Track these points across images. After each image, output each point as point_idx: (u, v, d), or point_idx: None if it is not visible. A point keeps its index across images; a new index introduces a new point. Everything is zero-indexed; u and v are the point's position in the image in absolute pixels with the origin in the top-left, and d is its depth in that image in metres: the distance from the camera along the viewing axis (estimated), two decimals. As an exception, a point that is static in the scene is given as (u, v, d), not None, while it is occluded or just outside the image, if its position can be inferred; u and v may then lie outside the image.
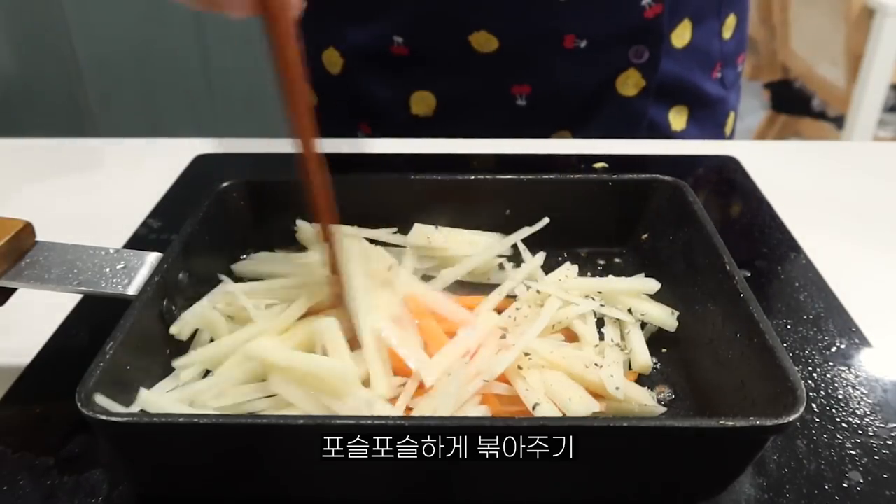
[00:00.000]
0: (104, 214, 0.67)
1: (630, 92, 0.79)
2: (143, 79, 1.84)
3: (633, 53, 0.77)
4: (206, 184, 0.56)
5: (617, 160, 0.75)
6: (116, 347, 0.40)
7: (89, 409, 0.36)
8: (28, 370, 0.49)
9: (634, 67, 0.77)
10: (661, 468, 0.38)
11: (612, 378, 0.44)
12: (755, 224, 0.65)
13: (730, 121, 0.88)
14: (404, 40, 0.77)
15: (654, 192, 0.57)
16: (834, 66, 2.14)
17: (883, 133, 2.19)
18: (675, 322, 0.50)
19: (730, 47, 0.84)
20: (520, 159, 0.76)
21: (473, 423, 0.38)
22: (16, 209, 0.49)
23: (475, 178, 0.59)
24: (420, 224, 0.56)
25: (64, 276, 0.46)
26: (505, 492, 0.39)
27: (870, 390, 0.47)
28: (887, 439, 0.43)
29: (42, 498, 0.40)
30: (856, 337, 0.52)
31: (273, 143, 0.80)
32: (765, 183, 0.71)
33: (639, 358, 0.48)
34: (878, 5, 1.85)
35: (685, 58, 0.80)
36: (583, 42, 0.75)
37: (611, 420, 0.41)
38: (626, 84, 0.78)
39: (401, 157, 0.76)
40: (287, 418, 0.39)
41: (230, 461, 0.38)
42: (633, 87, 0.79)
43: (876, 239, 0.64)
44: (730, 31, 0.83)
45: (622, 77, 0.78)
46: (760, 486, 0.41)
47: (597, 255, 0.59)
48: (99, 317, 0.51)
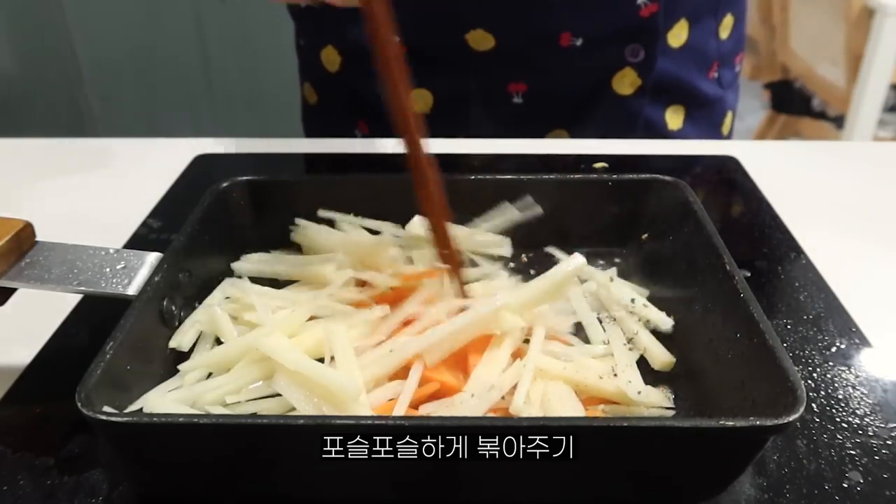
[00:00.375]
0: (104, 214, 0.67)
1: (626, 91, 0.79)
2: (143, 79, 1.84)
3: (628, 52, 0.77)
4: (206, 184, 0.56)
5: (617, 160, 0.75)
6: (116, 347, 0.40)
7: (89, 409, 0.36)
8: (28, 370, 0.49)
9: (630, 66, 0.77)
10: (661, 468, 0.38)
11: (631, 384, 0.44)
12: (755, 224, 0.65)
13: (727, 120, 0.88)
14: (402, 40, 0.78)
15: (654, 192, 0.57)
16: (834, 66, 2.14)
17: (883, 133, 2.19)
18: (671, 321, 0.50)
19: (727, 47, 0.84)
20: (519, 159, 0.76)
21: (473, 423, 0.38)
22: (16, 209, 0.49)
23: (475, 179, 0.59)
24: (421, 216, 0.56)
25: (64, 276, 0.46)
26: (505, 492, 0.39)
27: (870, 390, 0.47)
28: (887, 439, 0.43)
29: (42, 498, 0.40)
30: (856, 337, 0.52)
31: (273, 143, 0.80)
32: (765, 183, 0.71)
33: (660, 356, 0.48)
34: (878, 5, 1.85)
35: (681, 57, 0.80)
36: (578, 40, 0.75)
37: (611, 420, 0.41)
38: (622, 83, 0.78)
39: (400, 157, 0.76)
40: (287, 418, 0.39)
41: (230, 461, 0.38)
42: (629, 86, 0.79)
43: (876, 239, 0.64)
44: (727, 31, 0.83)
45: (618, 76, 0.78)
46: (760, 486, 0.41)
47: (597, 255, 0.59)
48: (99, 317, 0.51)
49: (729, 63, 0.85)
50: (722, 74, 0.84)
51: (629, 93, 0.79)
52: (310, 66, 0.88)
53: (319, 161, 0.78)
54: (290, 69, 0.92)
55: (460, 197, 0.57)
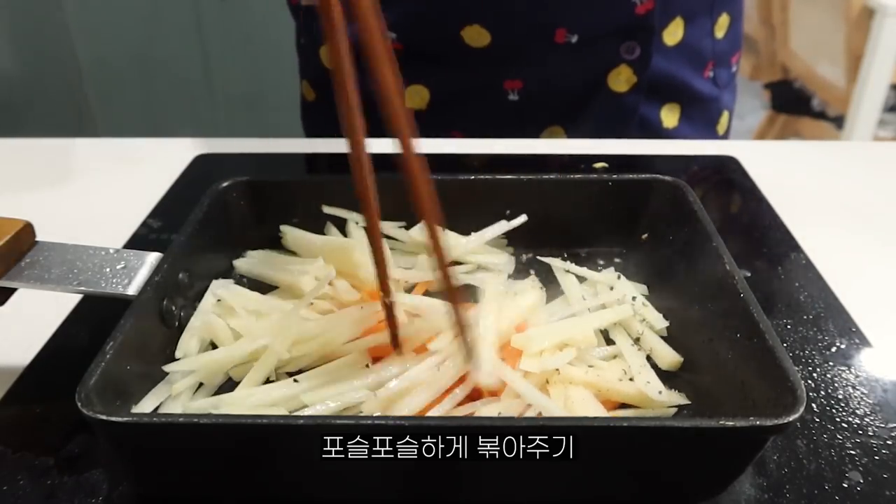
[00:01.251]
0: (104, 214, 0.67)
1: (621, 88, 0.79)
2: (143, 79, 1.84)
3: (624, 49, 0.77)
4: (206, 184, 0.56)
5: (616, 160, 0.75)
6: (116, 347, 0.40)
7: (89, 409, 0.36)
8: (28, 370, 0.49)
9: (626, 63, 0.78)
10: (661, 468, 0.38)
11: (650, 385, 0.44)
12: (755, 224, 0.65)
13: (723, 120, 0.88)
14: (398, 36, 0.78)
15: (653, 192, 0.57)
16: (834, 66, 2.14)
17: (883, 133, 2.19)
18: (665, 322, 0.50)
19: (722, 47, 0.84)
20: (519, 159, 0.76)
21: (473, 423, 0.38)
22: (16, 209, 0.49)
23: (475, 179, 0.59)
24: None
25: (64, 276, 0.46)
26: (505, 492, 0.39)
27: (870, 390, 0.47)
28: (887, 439, 0.43)
29: (42, 498, 0.40)
30: (856, 337, 0.52)
31: (273, 143, 0.80)
32: (765, 183, 0.71)
33: (667, 356, 0.48)
34: (878, 5, 1.85)
35: (677, 56, 0.80)
36: (574, 37, 0.75)
37: (611, 420, 0.41)
38: (618, 80, 0.79)
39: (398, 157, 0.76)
40: (287, 418, 0.39)
41: (230, 461, 0.38)
42: (624, 84, 0.79)
43: (876, 238, 0.64)
44: (723, 30, 0.83)
45: (613, 73, 0.78)
46: (760, 486, 0.41)
47: (597, 255, 0.59)
48: (99, 317, 0.51)
49: (725, 63, 0.85)
50: (717, 74, 0.85)
51: (625, 90, 0.79)
52: (309, 65, 0.88)
53: (319, 161, 0.78)
54: (290, 69, 0.92)
55: (459, 197, 0.57)
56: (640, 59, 0.77)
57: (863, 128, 1.99)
